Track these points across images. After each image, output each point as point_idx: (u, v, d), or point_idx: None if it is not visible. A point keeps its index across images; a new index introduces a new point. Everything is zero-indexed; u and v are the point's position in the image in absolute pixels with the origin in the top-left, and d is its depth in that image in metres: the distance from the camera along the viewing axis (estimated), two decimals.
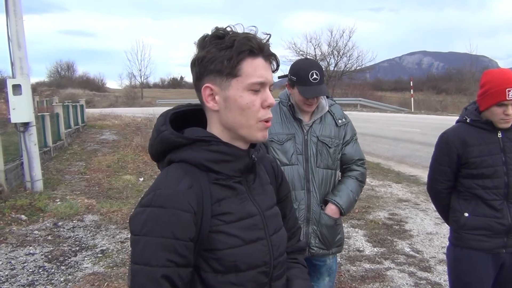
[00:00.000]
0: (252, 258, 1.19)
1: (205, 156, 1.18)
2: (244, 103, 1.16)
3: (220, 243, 1.15)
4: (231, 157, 1.20)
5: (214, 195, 1.17)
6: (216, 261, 1.15)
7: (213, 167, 1.18)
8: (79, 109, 17.58)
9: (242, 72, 1.15)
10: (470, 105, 2.48)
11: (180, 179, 1.15)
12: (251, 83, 1.15)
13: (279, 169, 1.43)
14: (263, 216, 1.24)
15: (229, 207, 1.18)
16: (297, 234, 1.48)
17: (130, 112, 26.08)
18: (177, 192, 1.13)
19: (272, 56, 1.19)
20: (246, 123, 1.17)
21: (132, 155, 11.20)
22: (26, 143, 7.55)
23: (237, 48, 1.13)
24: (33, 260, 4.69)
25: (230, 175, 1.20)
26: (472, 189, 2.37)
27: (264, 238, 1.22)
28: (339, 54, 42.45)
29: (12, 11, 7.28)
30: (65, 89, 43.54)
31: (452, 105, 30.17)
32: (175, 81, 70.34)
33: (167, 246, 1.10)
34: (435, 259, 4.70)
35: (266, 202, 1.28)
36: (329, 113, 2.55)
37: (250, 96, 1.16)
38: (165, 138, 1.21)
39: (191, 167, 1.18)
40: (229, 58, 1.13)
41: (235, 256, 1.16)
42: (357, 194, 2.58)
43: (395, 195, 7.55)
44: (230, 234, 1.16)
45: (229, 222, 1.17)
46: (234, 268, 1.16)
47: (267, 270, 1.22)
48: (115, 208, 6.59)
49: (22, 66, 7.40)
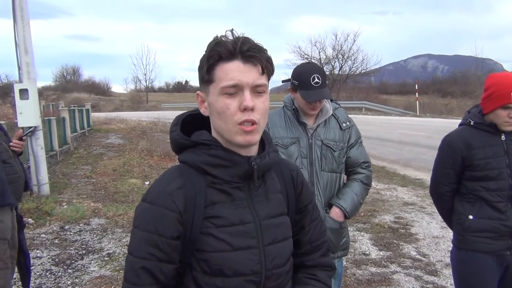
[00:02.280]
0: (238, 265, 1.18)
1: (203, 159, 1.21)
2: (219, 107, 1.17)
3: (207, 245, 1.18)
4: (228, 162, 1.20)
5: (209, 197, 1.20)
6: (204, 262, 1.18)
7: (209, 170, 1.21)
8: (85, 113, 17.66)
9: (216, 77, 1.16)
10: (473, 108, 2.50)
11: (172, 180, 1.20)
12: (222, 87, 1.15)
13: (299, 178, 1.38)
14: (258, 224, 1.22)
15: (221, 211, 1.20)
16: (321, 249, 1.39)
17: (136, 116, 26.18)
18: (165, 192, 1.18)
19: (252, 58, 1.15)
20: (225, 127, 1.18)
21: (138, 159, 11.24)
22: (33, 147, 7.60)
23: (207, 55, 1.17)
24: (40, 264, 4.73)
25: (226, 180, 1.21)
26: (476, 192, 2.38)
27: (255, 247, 1.20)
28: (343, 58, 42.49)
29: (19, 17, 7.35)
30: (70, 93, 43.72)
31: (457, 108, 30.04)
32: (180, 85, 70.46)
33: (149, 240, 1.16)
34: (441, 262, 4.69)
35: (267, 210, 1.25)
36: (333, 116, 2.56)
37: (224, 100, 1.16)
38: (172, 138, 1.28)
39: (189, 168, 1.22)
40: (203, 66, 1.18)
41: (221, 260, 1.17)
42: (362, 197, 2.58)
43: (400, 198, 7.54)
44: (218, 238, 1.18)
45: (219, 226, 1.19)
46: (220, 272, 1.18)
47: (256, 280, 1.20)
48: (121, 212, 6.62)
49: (29, 71, 7.46)
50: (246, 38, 1.17)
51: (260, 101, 1.17)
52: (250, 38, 1.18)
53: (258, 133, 1.20)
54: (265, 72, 1.18)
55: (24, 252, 3.35)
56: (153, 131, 17.21)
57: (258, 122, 1.17)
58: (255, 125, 1.16)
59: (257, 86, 1.16)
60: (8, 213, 3.11)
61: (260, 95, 1.18)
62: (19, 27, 7.37)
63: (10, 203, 3.10)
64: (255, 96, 1.16)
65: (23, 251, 3.34)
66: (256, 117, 1.16)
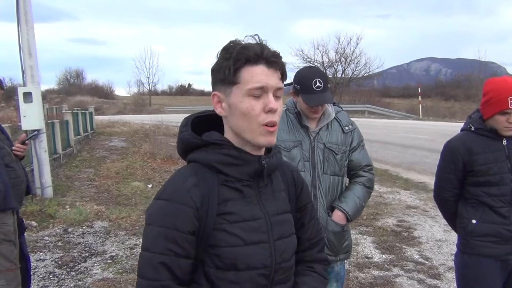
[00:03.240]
0: (251, 259, 1.24)
1: (216, 158, 1.26)
2: (244, 108, 1.22)
3: (221, 241, 1.22)
4: (240, 161, 1.26)
5: (222, 195, 1.25)
6: (217, 257, 1.22)
7: (222, 169, 1.26)
8: (88, 116, 17.71)
9: (241, 79, 1.22)
10: (474, 113, 2.50)
11: (188, 177, 1.25)
12: (249, 89, 1.21)
13: (299, 178, 1.46)
14: (268, 220, 1.28)
15: (234, 208, 1.25)
16: (318, 245, 1.48)
17: (139, 119, 26.23)
18: (182, 188, 1.23)
19: (275, 63, 1.23)
20: (248, 127, 1.23)
21: (141, 162, 11.26)
22: (37, 150, 7.63)
23: (234, 58, 1.21)
24: (43, 266, 4.74)
25: (238, 178, 1.27)
26: (479, 197, 2.38)
27: (266, 242, 1.27)
28: (346, 61, 42.40)
29: (23, 20, 7.40)
30: (74, 96, 43.86)
31: (460, 112, 29.98)
32: (183, 88, 70.62)
33: (168, 236, 1.19)
34: (444, 266, 4.68)
35: (274, 208, 1.32)
36: (335, 120, 2.56)
37: (250, 101, 1.22)
38: (184, 138, 1.32)
39: (202, 167, 1.27)
40: (229, 68, 1.21)
41: (234, 255, 1.22)
42: (364, 200, 2.58)
43: (403, 202, 7.53)
44: (231, 233, 1.23)
45: (232, 222, 1.24)
46: (233, 266, 1.22)
47: (267, 273, 1.26)
48: (124, 215, 6.63)
49: (33, 74, 7.50)
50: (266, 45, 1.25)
51: (279, 104, 1.26)
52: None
53: (276, 135, 1.28)
54: (282, 77, 1.26)
55: (24, 256, 3.33)
56: (156, 134, 17.23)
57: (277, 124, 1.26)
58: (275, 127, 1.25)
59: (278, 90, 1.25)
60: (11, 216, 3.11)
61: (278, 98, 1.26)
62: (23, 30, 7.41)
63: (12, 207, 3.09)
64: (275, 99, 1.24)
65: (24, 255, 3.32)
66: (277, 119, 1.25)
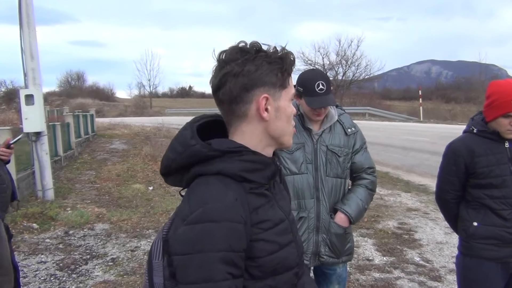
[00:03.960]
0: (288, 261, 1.23)
1: (240, 167, 1.19)
2: (290, 111, 1.28)
3: (260, 251, 1.17)
4: (261, 165, 1.23)
5: (251, 204, 1.18)
6: (257, 268, 1.17)
7: (248, 176, 1.19)
8: (89, 119, 17.74)
9: (289, 84, 1.26)
10: (477, 116, 2.49)
11: (225, 192, 1.15)
12: (293, 94, 1.29)
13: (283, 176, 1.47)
14: (289, 219, 1.29)
15: (265, 214, 1.21)
16: None
17: (139, 122, 26.26)
18: (228, 205, 1.13)
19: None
20: (288, 130, 1.28)
21: (142, 164, 11.27)
22: (38, 152, 7.65)
23: (288, 63, 1.24)
24: (45, 268, 4.75)
25: (262, 183, 1.23)
26: (481, 199, 2.38)
27: (293, 241, 1.27)
28: (347, 63, 42.54)
29: (25, 23, 7.42)
30: (75, 98, 43.92)
31: (461, 114, 30.00)
32: (184, 91, 70.71)
33: (226, 259, 1.10)
34: (445, 268, 4.67)
35: (287, 206, 1.34)
36: (338, 122, 2.57)
37: (291, 106, 1.28)
38: (197, 151, 1.20)
39: (226, 178, 1.18)
40: (282, 71, 1.22)
41: (274, 261, 1.19)
42: (366, 203, 2.58)
43: (404, 204, 7.53)
44: (269, 241, 1.19)
45: (267, 229, 1.19)
46: (273, 272, 1.19)
47: (298, 271, 1.28)
48: (125, 217, 6.64)
49: (35, 76, 7.53)
50: None
51: None
52: None
53: None
54: None
55: (13, 264, 3.13)
56: (157, 136, 17.25)
57: None
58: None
59: None
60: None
61: None
62: (25, 33, 7.44)
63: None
64: None
65: (12, 263, 3.12)
66: None
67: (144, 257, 4.95)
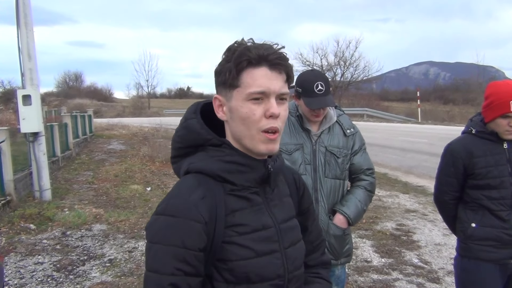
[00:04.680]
0: (264, 270, 1.17)
1: (220, 167, 1.18)
2: (243, 112, 1.15)
3: (232, 254, 1.15)
4: (246, 168, 1.19)
5: (229, 206, 1.17)
6: (228, 271, 1.15)
7: (228, 177, 1.18)
8: (87, 119, 17.70)
9: (242, 82, 1.15)
10: (475, 116, 2.49)
11: (193, 190, 1.16)
12: (249, 93, 1.14)
13: (301, 181, 1.40)
14: (278, 228, 1.22)
15: (243, 218, 1.18)
16: (320, 248, 1.43)
17: (137, 122, 26.22)
18: (189, 203, 1.13)
19: (279, 65, 1.16)
20: (248, 133, 1.17)
21: (140, 165, 11.25)
22: (35, 153, 7.63)
23: (236, 59, 1.15)
24: (42, 269, 4.72)
25: (245, 185, 1.20)
26: (479, 200, 2.38)
27: (278, 251, 1.21)
28: (345, 65, 42.61)
29: (23, 23, 7.41)
30: (73, 99, 43.85)
31: (459, 116, 30.07)
32: (182, 91, 70.69)
33: (177, 255, 1.11)
34: (443, 270, 4.67)
35: (282, 214, 1.26)
36: (337, 123, 2.56)
37: (250, 106, 1.15)
38: (191, 125, 1.23)
39: (206, 178, 1.18)
40: (229, 70, 1.15)
41: (247, 268, 1.15)
42: (365, 204, 2.57)
43: (402, 205, 7.53)
44: (242, 246, 1.16)
45: (242, 234, 1.17)
46: (246, 279, 1.16)
47: (280, 283, 1.20)
48: (122, 218, 6.62)
49: (32, 77, 7.51)
50: (270, 45, 1.18)
51: (283, 109, 1.18)
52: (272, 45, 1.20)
53: (278, 142, 1.20)
54: (288, 80, 1.19)
55: None
56: (155, 137, 17.23)
57: (279, 130, 1.18)
58: (277, 134, 1.18)
59: (282, 94, 1.18)
60: None
61: (283, 102, 1.18)
62: (23, 33, 7.42)
63: None
64: (278, 104, 1.17)
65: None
66: (279, 125, 1.17)
67: (141, 258, 4.93)
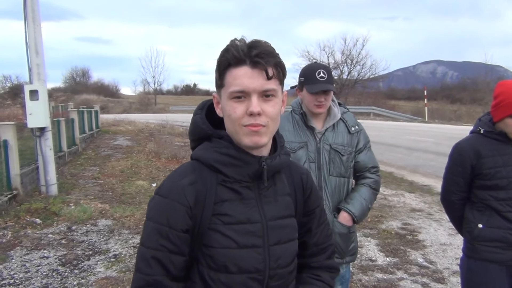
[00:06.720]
0: (243, 262, 1.22)
1: (215, 158, 1.25)
2: (227, 110, 1.21)
3: (215, 241, 1.22)
4: (239, 162, 1.24)
5: (219, 195, 1.24)
6: (210, 257, 1.22)
7: (221, 169, 1.24)
8: (94, 115, 17.78)
9: (226, 82, 1.20)
10: (484, 116, 2.46)
11: (186, 175, 1.25)
12: (230, 92, 1.19)
13: (309, 182, 1.41)
14: (265, 224, 1.26)
15: (230, 209, 1.23)
16: (326, 251, 1.44)
17: (144, 118, 26.30)
18: (178, 186, 1.23)
19: (259, 64, 1.17)
20: (233, 129, 1.22)
21: (145, 161, 11.28)
22: (42, 148, 7.66)
23: (218, 60, 1.21)
24: (47, 264, 4.75)
25: (237, 178, 1.25)
26: (486, 201, 2.35)
27: (260, 246, 1.24)
28: (352, 63, 42.46)
29: (30, 19, 7.43)
30: (80, 95, 44.06)
31: (466, 115, 29.89)
32: (189, 88, 70.86)
33: (161, 232, 1.20)
34: (448, 270, 4.64)
35: (274, 212, 1.28)
36: (341, 120, 2.54)
37: (232, 104, 1.19)
38: (195, 121, 1.32)
39: (202, 166, 1.26)
40: (216, 70, 1.23)
41: (226, 257, 1.21)
42: (370, 202, 2.56)
43: (408, 204, 7.49)
44: (225, 235, 1.22)
45: (226, 223, 1.22)
46: (225, 268, 1.21)
47: (260, 278, 1.24)
48: (128, 213, 6.64)
49: (40, 72, 7.53)
50: (256, 43, 1.19)
51: (269, 105, 1.19)
52: (261, 41, 1.20)
53: (266, 135, 1.22)
54: (274, 76, 1.19)
55: None
56: (161, 133, 17.29)
57: (266, 125, 1.19)
58: (260, 127, 1.19)
59: (266, 91, 1.18)
60: None
61: (269, 99, 1.20)
62: (30, 28, 7.45)
63: None
64: (263, 101, 1.19)
65: None
66: (264, 121, 1.19)
67: None
